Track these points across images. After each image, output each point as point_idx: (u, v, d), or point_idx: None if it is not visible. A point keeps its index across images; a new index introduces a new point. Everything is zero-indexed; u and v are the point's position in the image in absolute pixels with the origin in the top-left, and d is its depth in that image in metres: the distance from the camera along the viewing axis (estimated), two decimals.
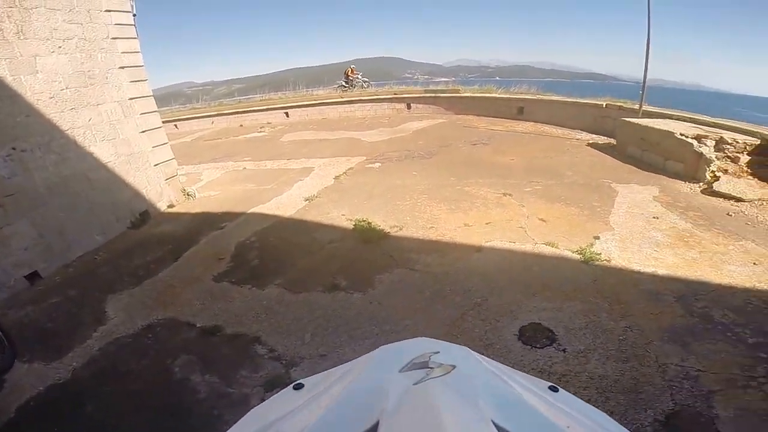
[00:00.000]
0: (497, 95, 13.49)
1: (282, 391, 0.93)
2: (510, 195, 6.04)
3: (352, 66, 18.93)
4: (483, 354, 1.02)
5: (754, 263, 4.16)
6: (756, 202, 5.61)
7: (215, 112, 16.90)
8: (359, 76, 18.55)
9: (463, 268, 4.22)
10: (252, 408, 0.88)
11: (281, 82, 22.48)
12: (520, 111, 12.42)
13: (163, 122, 7.21)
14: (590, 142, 9.18)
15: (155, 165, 6.64)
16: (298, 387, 0.94)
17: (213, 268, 4.61)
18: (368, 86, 18.10)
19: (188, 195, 7.07)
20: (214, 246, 5.18)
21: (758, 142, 6.50)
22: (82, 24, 5.52)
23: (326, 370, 2.80)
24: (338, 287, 4.06)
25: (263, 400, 2.71)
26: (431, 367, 0.81)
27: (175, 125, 16.06)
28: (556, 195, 5.99)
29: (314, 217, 5.79)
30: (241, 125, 15.86)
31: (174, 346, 3.41)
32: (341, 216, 5.69)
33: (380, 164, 8.21)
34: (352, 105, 15.26)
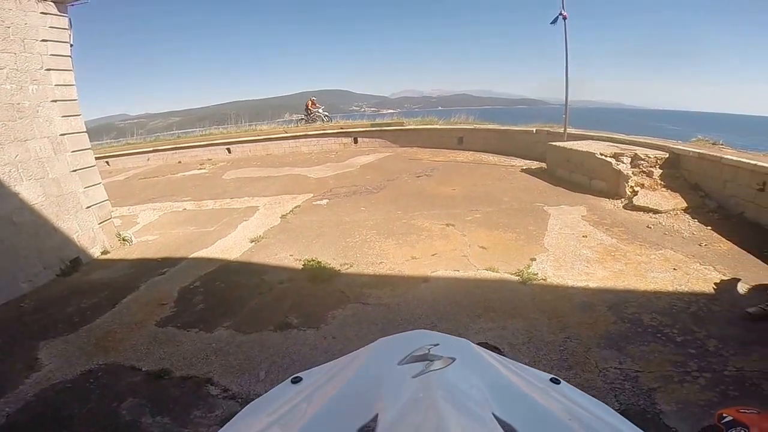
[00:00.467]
0: (439, 126, 14.28)
1: (280, 384, 0.91)
2: (453, 225, 6.35)
3: (312, 98, 18.71)
4: None
5: (674, 269, 4.65)
6: (671, 213, 6.28)
7: (151, 148, 16.34)
8: (320, 110, 18.24)
9: (413, 299, 4.38)
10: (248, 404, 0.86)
11: (222, 115, 22.14)
12: (460, 141, 13.19)
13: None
14: (524, 167, 9.89)
15: (87, 207, 6.32)
16: (296, 380, 0.92)
17: (156, 314, 4.46)
18: (328, 120, 17.87)
19: (124, 240, 6.78)
20: (155, 291, 5.01)
21: (667, 155, 7.26)
22: (15, 53, 5.33)
23: None
24: (290, 325, 4.05)
25: None
26: (431, 360, 0.81)
27: (107, 162, 15.44)
28: (495, 222, 6.37)
29: (262, 258, 5.73)
30: (180, 162, 15.48)
31: (120, 390, 3.28)
32: (290, 256, 5.68)
33: (328, 201, 8.30)
34: (297, 140, 15.38)
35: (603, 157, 7.51)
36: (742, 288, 4.24)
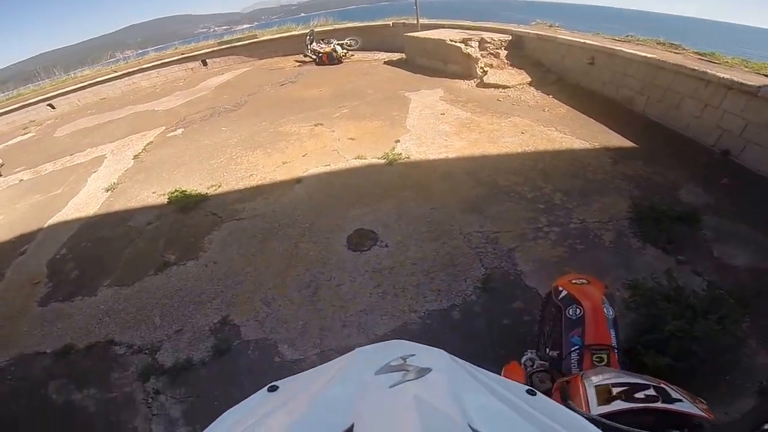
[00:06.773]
0: (297, 32, 13.84)
1: (256, 393, 0.93)
2: (322, 124, 6.66)
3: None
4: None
5: (522, 132, 5.50)
6: (518, 87, 7.23)
7: None
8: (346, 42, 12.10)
9: (288, 202, 4.69)
10: (224, 412, 0.89)
11: (29, 73, 18.70)
12: None
13: None
14: (386, 60, 10.31)
15: None
16: (273, 389, 0.94)
17: (33, 295, 4.27)
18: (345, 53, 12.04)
19: None
20: (22, 273, 4.70)
21: (510, 38, 8.21)
22: None
23: (190, 341, 3.07)
24: (169, 263, 4.15)
25: (146, 391, 2.92)
26: (407, 370, 0.83)
27: None
28: (362, 113, 6.82)
29: (123, 204, 5.55)
30: None
31: (38, 378, 3.29)
32: (152, 194, 5.58)
33: (183, 129, 7.99)
34: (132, 76, 13.79)
35: (453, 43, 8.20)
36: (580, 144, 5.14)
